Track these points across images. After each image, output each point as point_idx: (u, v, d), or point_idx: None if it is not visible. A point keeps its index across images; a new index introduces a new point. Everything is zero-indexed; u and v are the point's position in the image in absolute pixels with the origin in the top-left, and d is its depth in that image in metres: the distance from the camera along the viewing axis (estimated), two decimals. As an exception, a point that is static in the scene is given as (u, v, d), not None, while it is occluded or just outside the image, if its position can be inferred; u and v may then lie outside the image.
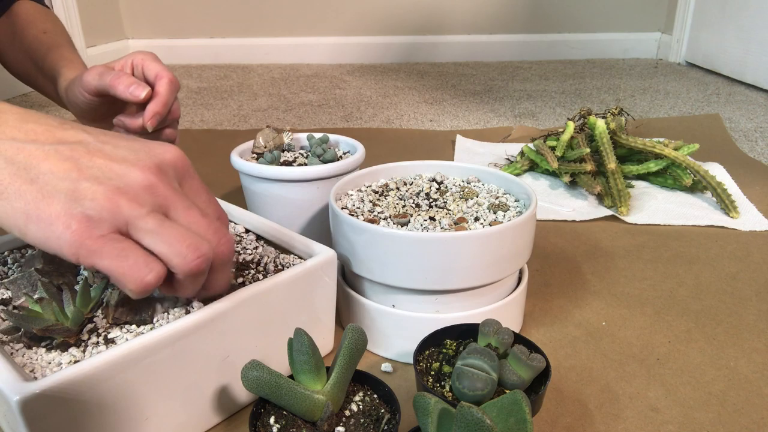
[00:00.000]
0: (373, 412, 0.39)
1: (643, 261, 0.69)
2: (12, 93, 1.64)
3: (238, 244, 0.52)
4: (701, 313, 0.59)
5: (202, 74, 1.94)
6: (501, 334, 0.42)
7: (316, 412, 0.37)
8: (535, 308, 0.60)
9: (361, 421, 0.38)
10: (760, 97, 1.50)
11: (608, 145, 0.85)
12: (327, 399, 0.37)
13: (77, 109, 0.63)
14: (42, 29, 0.75)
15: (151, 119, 0.58)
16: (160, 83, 0.59)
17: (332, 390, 0.38)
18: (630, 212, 0.81)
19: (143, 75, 0.61)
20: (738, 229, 0.77)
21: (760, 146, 1.13)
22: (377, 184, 0.60)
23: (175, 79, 0.60)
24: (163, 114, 0.58)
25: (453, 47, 2.11)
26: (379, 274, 0.49)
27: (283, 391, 0.37)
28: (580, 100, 1.51)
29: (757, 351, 0.53)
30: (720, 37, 1.76)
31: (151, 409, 0.39)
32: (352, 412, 0.39)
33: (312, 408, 0.37)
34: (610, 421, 0.45)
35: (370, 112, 1.41)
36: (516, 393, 0.33)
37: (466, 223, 0.51)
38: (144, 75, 0.61)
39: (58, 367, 0.37)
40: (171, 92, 0.59)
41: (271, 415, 0.38)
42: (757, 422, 0.45)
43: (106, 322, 0.40)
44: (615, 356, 0.53)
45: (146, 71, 0.60)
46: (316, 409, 0.37)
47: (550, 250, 0.72)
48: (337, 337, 0.54)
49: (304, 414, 0.37)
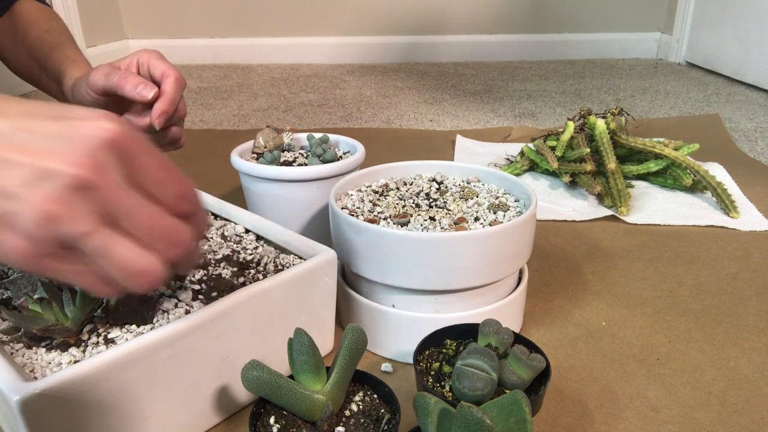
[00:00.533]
0: (373, 412, 0.39)
1: (643, 261, 0.69)
2: (10, 93, 1.63)
3: (238, 244, 0.52)
4: (701, 313, 0.59)
5: (202, 74, 1.94)
6: (501, 334, 0.42)
7: (316, 412, 0.37)
8: (535, 308, 0.60)
9: (361, 421, 0.38)
10: (760, 97, 1.50)
11: (608, 145, 0.85)
12: (327, 399, 0.37)
13: None
14: (45, 28, 0.75)
15: (159, 118, 0.58)
16: (167, 82, 0.59)
17: (332, 390, 0.38)
18: (630, 212, 0.81)
19: (149, 73, 0.61)
20: (738, 229, 0.77)
21: (760, 146, 1.13)
22: (377, 184, 0.60)
23: (181, 78, 0.60)
24: (170, 112, 0.59)
25: (453, 47, 2.11)
26: (379, 274, 0.49)
27: (283, 391, 0.37)
28: (580, 100, 1.51)
29: (757, 351, 0.53)
30: (720, 37, 1.76)
31: (151, 409, 0.39)
32: (352, 412, 0.39)
33: (312, 408, 0.37)
34: (610, 421, 0.45)
35: (370, 112, 1.41)
36: (516, 393, 0.33)
37: (466, 223, 0.51)
38: (150, 73, 0.61)
39: (58, 367, 0.37)
40: (177, 90, 0.59)
41: (271, 415, 0.38)
42: (757, 422, 0.45)
43: (106, 322, 0.40)
44: (615, 356, 0.53)
45: (152, 70, 0.60)
46: (316, 409, 0.37)
47: (550, 250, 0.72)
48: (337, 337, 0.54)
49: (304, 414, 0.37)
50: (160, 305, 0.42)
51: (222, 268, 0.48)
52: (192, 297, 0.44)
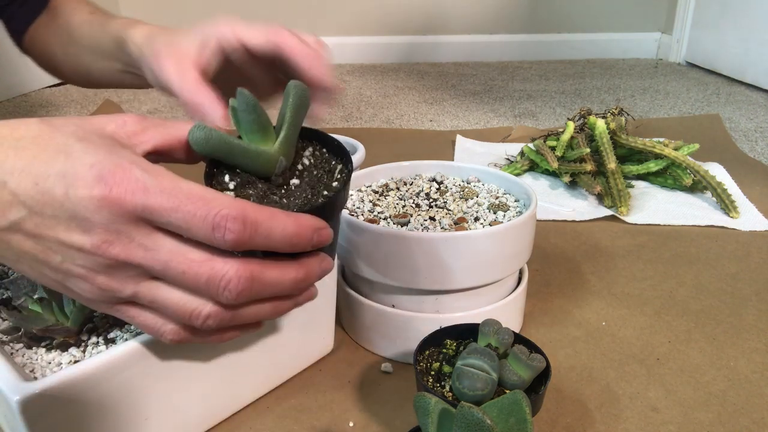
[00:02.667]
0: (325, 164, 0.38)
1: (643, 261, 0.69)
2: (10, 93, 1.64)
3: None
4: (701, 313, 0.59)
5: (202, 74, 1.94)
6: (501, 334, 0.42)
7: (269, 167, 0.36)
8: (535, 308, 0.60)
9: (314, 173, 0.38)
10: (760, 97, 1.50)
11: (608, 145, 0.85)
12: (279, 154, 0.36)
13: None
14: (87, 11, 0.67)
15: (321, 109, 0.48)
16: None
17: (282, 146, 0.36)
18: (630, 212, 0.81)
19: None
20: (738, 229, 0.77)
21: (760, 146, 1.13)
22: (377, 184, 0.60)
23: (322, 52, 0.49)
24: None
25: (453, 47, 2.11)
26: (379, 274, 0.49)
27: (235, 151, 0.35)
28: (580, 100, 1.51)
29: (757, 351, 0.53)
30: (720, 37, 1.76)
31: (151, 409, 0.39)
32: (304, 166, 0.38)
33: (265, 164, 0.36)
34: (610, 421, 0.45)
35: (370, 112, 1.41)
36: (516, 393, 0.33)
37: (466, 223, 0.51)
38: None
39: (58, 367, 0.37)
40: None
41: (225, 174, 0.36)
42: (757, 422, 0.45)
43: (106, 322, 0.40)
44: (615, 356, 0.53)
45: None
46: (269, 165, 0.36)
47: (550, 250, 0.72)
48: (337, 337, 0.54)
49: (258, 170, 0.36)
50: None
51: (222, 268, 0.47)
52: (192, 297, 0.44)
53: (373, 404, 0.47)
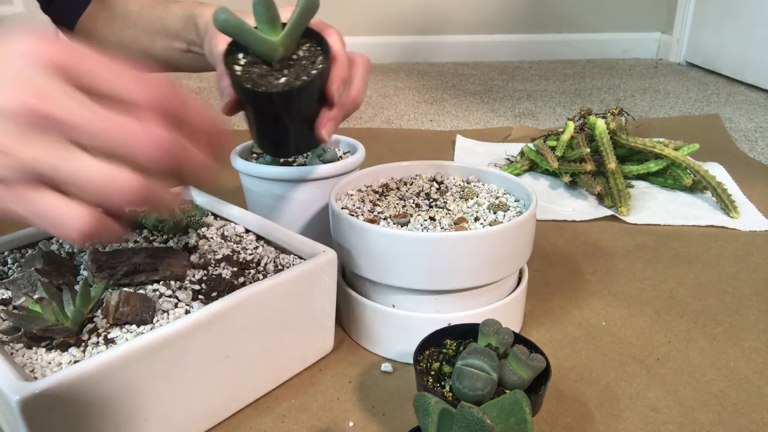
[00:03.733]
0: (312, 57, 0.47)
1: (643, 261, 0.69)
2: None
3: (237, 244, 0.52)
4: (701, 313, 0.59)
5: (202, 74, 1.94)
6: (501, 334, 0.42)
7: (271, 53, 0.45)
8: (535, 308, 0.60)
9: (302, 63, 0.46)
10: (760, 97, 1.50)
11: (608, 145, 0.85)
12: (279, 45, 0.45)
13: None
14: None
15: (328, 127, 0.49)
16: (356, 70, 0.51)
17: (284, 38, 0.45)
18: (630, 212, 0.81)
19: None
20: (738, 229, 0.77)
21: (760, 146, 1.13)
22: (377, 184, 0.60)
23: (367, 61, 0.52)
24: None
25: (453, 47, 2.11)
26: (379, 274, 0.49)
27: (246, 34, 0.44)
28: (580, 100, 1.51)
29: (757, 351, 0.53)
30: (720, 37, 1.76)
31: (151, 409, 0.39)
32: (298, 56, 0.47)
33: (267, 50, 0.45)
34: (610, 421, 0.45)
35: (370, 112, 1.41)
36: (516, 393, 0.33)
37: (466, 223, 0.51)
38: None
39: (58, 367, 0.37)
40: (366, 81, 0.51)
41: (239, 52, 0.46)
42: (757, 422, 0.45)
43: (106, 322, 0.40)
44: (615, 356, 0.53)
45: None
46: (271, 52, 0.45)
47: (550, 250, 0.72)
48: (337, 337, 0.54)
49: (262, 54, 0.45)
50: (160, 305, 0.42)
51: (222, 268, 0.48)
52: (192, 297, 0.44)
53: (373, 404, 0.47)
